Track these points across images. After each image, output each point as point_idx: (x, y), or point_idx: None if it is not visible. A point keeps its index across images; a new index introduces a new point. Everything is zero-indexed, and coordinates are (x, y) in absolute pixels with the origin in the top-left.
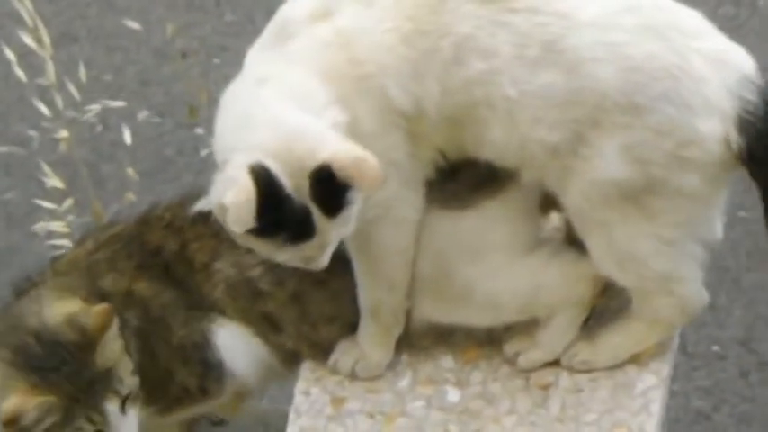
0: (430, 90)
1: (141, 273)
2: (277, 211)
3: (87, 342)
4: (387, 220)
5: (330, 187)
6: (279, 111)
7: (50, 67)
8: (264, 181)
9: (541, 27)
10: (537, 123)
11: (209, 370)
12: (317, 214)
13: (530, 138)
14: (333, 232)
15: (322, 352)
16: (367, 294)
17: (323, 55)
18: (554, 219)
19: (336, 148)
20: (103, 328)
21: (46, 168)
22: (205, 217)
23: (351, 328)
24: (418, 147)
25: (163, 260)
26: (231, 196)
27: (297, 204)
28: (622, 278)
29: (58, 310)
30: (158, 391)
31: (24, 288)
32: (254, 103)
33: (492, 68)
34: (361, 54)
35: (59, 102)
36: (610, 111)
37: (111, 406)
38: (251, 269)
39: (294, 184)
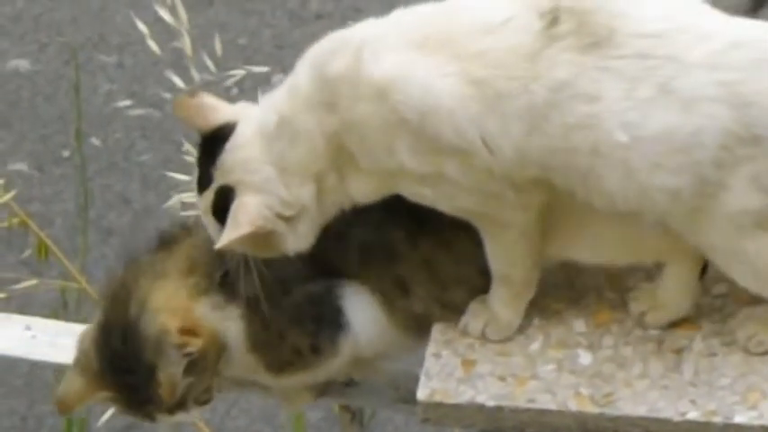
0: (511, 130)
1: None
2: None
3: (156, 376)
4: (492, 222)
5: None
6: (252, 161)
7: (186, 40)
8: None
9: (651, 70)
10: (657, 169)
11: (323, 327)
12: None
13: (650, 185)
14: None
15: (453, 313)
16: (495, 266)
17: (354, 109)
18: None
19: (234, 200)
20: (171, 396)
21: (187, 144)
22: None
23: (480, 289)
24: (480, 175)
25: None
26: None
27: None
28: None
29: (159, 314)
30: (271, 353)
31: (164, 241)
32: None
33: (596, 113)
34: (403, 99)
35: (194, 69)
36: (732, 147)
37: (167, 417)
38: (388, 233)
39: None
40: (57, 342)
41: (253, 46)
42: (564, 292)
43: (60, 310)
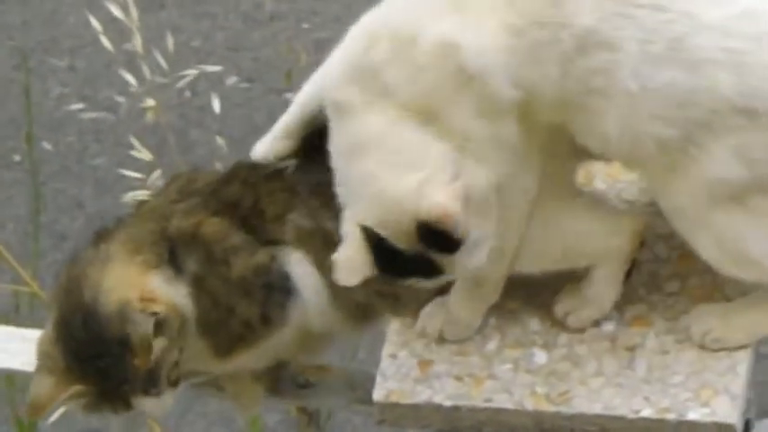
0: (550, 73)
1: (212, 217)
2: (394, 262)
3: (129, 346)
4: (500, 200)
5: (436, 235)
6: (379, 186)
7: (137, 38)
8: (376, 238)
9: (667, 24)
10: (655, 119)
11: (271, 295)
12: (436, 256)
13: (646, 131)
14: (462, 262)
15: (393, 304)
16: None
17: (419, 80)
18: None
19: (424, 209)
20: (147, 359)
21: (134, 141)
22: (279, 173)
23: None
24: (527, 127)
25: (238, 212)
26: (341, 252)
27: (411, 255)
28: (744, 276)
29: (115, 292)
30: (219, 333)
31: (101, 235)
32: (355, 176)
33: (615, 60)
34: (462, 61)
35: (146, 70)
36: (724, 113)
37: (142, 400)
38: (326, 221)
39: (403, 242)
40: (8, 347)
41: (206, 48)
42: (519, 290)
43: (12, 314)
